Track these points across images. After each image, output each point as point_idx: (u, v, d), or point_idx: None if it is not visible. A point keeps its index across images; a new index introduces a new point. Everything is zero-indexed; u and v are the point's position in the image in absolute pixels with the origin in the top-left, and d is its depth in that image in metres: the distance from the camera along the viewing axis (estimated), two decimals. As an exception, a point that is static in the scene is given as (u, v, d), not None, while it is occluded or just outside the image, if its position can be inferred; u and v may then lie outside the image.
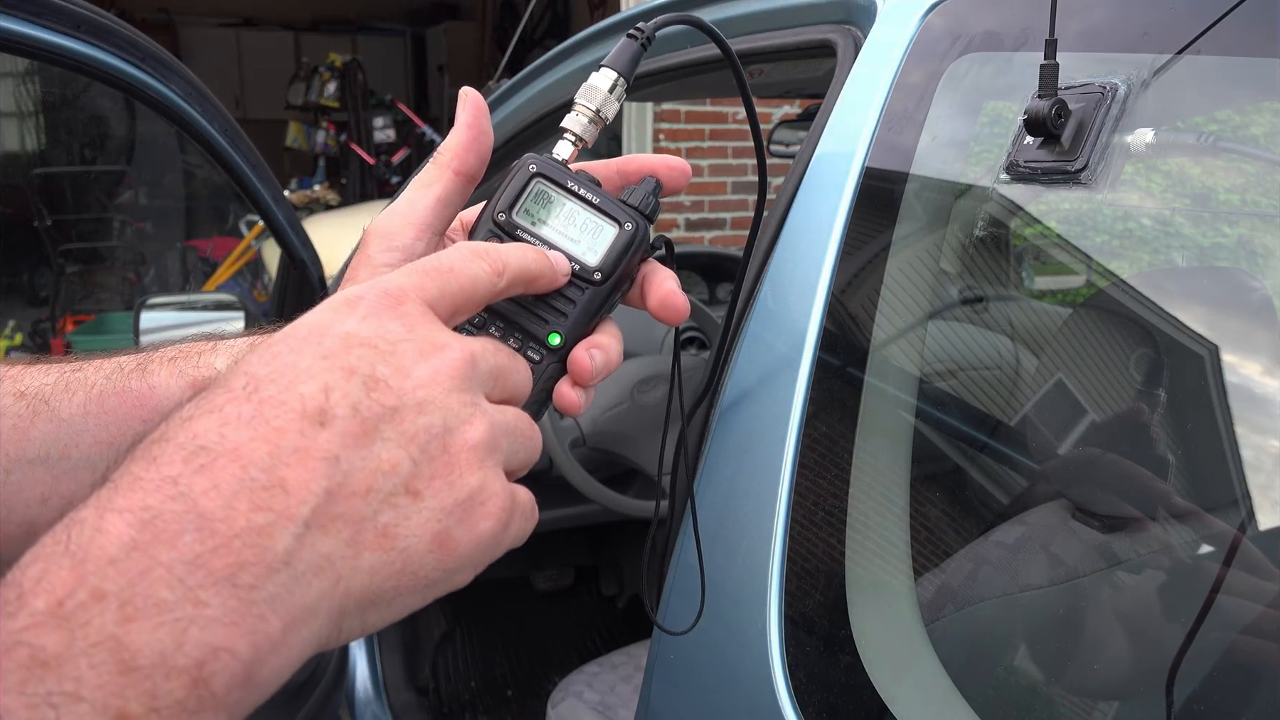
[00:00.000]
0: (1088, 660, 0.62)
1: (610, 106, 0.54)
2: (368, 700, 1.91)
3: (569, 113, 0.54)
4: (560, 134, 0.54)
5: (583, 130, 0.54)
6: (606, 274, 0.51)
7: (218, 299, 1.73)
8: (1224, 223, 0.59)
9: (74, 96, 6.15)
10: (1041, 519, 0.67)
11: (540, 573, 2.39)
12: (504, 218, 0.52)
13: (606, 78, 0.55)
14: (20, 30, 0.95)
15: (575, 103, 0.54)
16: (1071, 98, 0.61)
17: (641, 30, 0.56)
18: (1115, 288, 0.65)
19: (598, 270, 0.51)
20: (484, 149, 0.53)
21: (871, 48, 0.83)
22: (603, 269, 0.51)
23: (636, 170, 0.56)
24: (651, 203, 0.53)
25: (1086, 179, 0.60)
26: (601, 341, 0.52)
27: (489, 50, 8.44)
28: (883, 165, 0.76)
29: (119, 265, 6.12)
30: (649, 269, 0.54)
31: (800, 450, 0.71)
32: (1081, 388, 0.67)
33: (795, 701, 0.65)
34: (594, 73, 0.55)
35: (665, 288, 0.53)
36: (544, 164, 0.52)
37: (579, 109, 0.54)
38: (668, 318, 0.53)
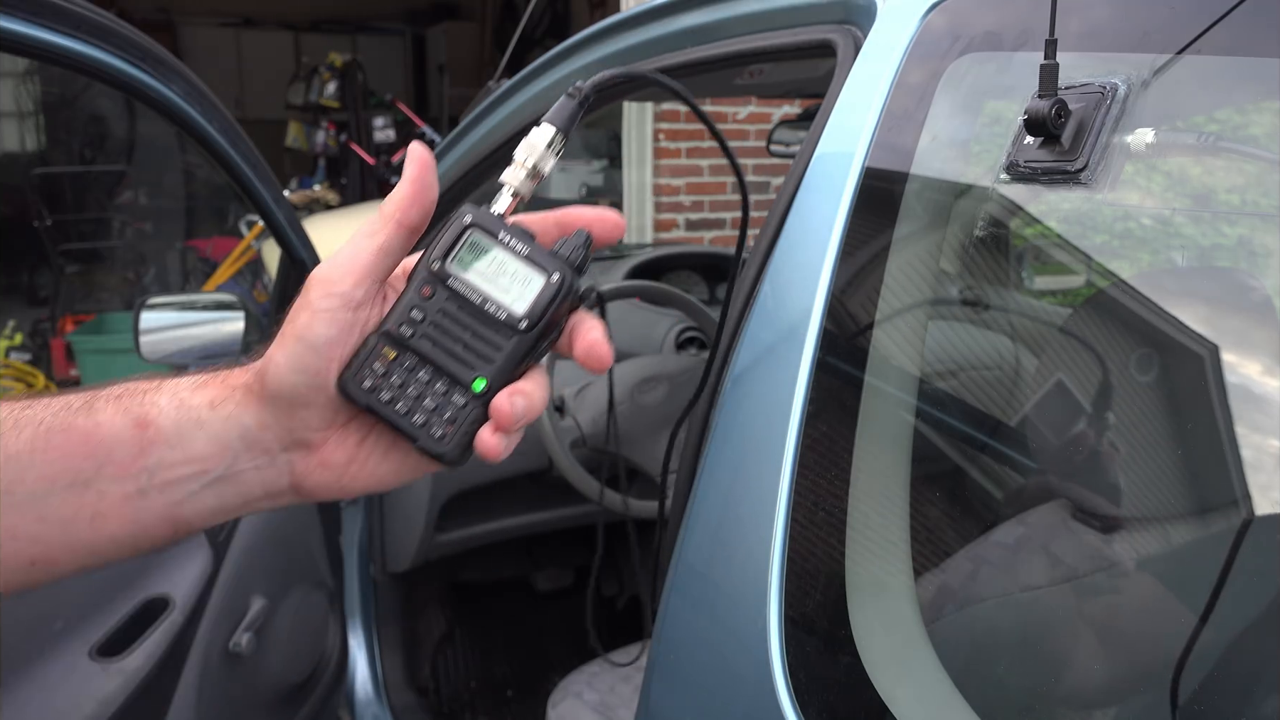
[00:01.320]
0: (1088, 660, 0.62)
1: (547, 162, 0.57)
2: (368, 700, 1.91)
3: (508, 166, 0.56)
4: (499, 187, 0.57)
5: (519, 185, 0.56)
6: (533, 322, 0.54)
7: (218, 299, 1.72)
8: (1224, 223, 0.59)
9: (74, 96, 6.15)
10: (1041, 519, 0.67)
11: (540, 573, 2.39)
12: (438, 265, 0.54)
13: (545, 134, 0.57)
14: (20, 30, 0.95)
15: (515, 158, 0.56)
16: (1071, 98, 0.61)
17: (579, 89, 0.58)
18: (1115, 288, 0.65)
19: (524, 318, 0.54)
20: (427, 203, 0.55)
21: (871, 48, 0.83)
22: (529, 317, 0.54)
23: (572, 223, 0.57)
24: (580, 254, 0.55)
25: (1086, 179, 0.60)
26: (525, 388, 0.54)
27: (489, 50, 8.44)
28: (883, 165, 0.76)
29: (119, 265, 6.12)
30: (578, 318, 0.57)
31: (800, 450, 0.71)
32: (1081, 388, 0.67)
33: (795, 701, 0.65)
34: (534, 128, 0.57)
35: (590, 337, 0.55)
36: (479, 215, 0.55)
37: (518, 164, 0.56)
38: (591, 366, 0.55)
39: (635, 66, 0.60)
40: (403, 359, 0.54)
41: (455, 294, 0.54)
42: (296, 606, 1.47)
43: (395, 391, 0.54)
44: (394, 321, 0.54)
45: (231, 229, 5.98)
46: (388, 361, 0.54)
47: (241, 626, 1.29)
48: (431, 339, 0.54)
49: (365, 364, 0.54)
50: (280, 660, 1.43)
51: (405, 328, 0.54)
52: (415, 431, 0.54)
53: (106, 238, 6.06)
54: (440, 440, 0.54)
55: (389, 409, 0.54)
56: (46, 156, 6.47)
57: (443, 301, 0.54)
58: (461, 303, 0.54)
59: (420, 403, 0.54)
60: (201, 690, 1.19)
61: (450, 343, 0.54)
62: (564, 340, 0.57)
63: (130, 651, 1.09)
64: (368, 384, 0.53)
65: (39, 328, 5.47)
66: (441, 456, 0.54)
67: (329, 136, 7.87)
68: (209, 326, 1.63)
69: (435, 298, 0.54)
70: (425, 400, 0.54)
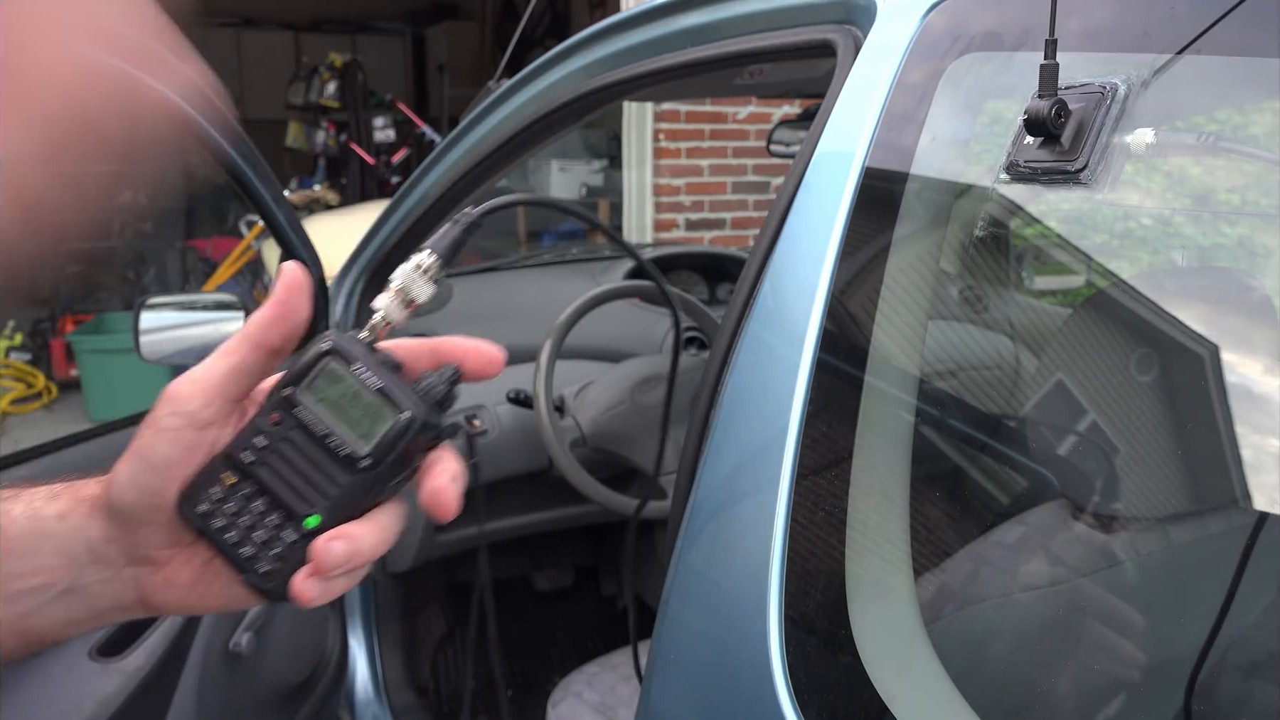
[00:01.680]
0: (1087, 660, 0.62)
1: (421, 289, 0.54)
2: (368, 700, 1.91)
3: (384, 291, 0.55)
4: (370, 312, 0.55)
5: (390, 311, 0.54)
6: (376, 460, 0.51)
7: (218, 299, 1.72)
8: (1224, 223, 0.59)
9: (74, 96, 6.14)
10: (1041, 519, 0.67)
11: (540, 573, 2.39)
12: (289, 391, 0.52)
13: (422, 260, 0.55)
14: (20, 30, 0.95)
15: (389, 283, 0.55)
16: (1071, 98, 0.61)
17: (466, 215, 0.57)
18: (1115, 288, 0.65)
19: (367, 457, 0.51)
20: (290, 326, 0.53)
21: (871, 48, 0.83)
22: (373, 455, 0.51)
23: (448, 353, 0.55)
24: (443, 390, 0.53)
25: (1086, 179, 0.60)
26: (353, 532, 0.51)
27: (489, 50, 8.44)
28: (883, 165, 0.76)
29: (119, 265, 6.12)
30: (434, 458, 0.53)
31: (800, 450, 0.71)
32: (1081, 387, 0.67)
33: (795, 701, 0.65)
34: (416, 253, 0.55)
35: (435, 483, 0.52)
36: (341, 342, 0.52)
37: (393, 290, 0.54)
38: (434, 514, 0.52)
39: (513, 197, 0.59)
40: (241, 485, 0.52)
41: (301, 423, 0.52)
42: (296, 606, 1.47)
43: (228, 519, 0.52)
44: (237, 445, 0.52)
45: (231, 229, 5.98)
46: (226, 487, 0.52)
47: (241, 626, 1.29)
48: (272, 468, 0.52)
49: (203, 487, 0.52)
50: (280, 660, 1.43)
51: (248, 454, 0.52)
52: (242, 564, 0.52)
53: (106, 238, 6.06)
54: (265, 577, 0.52)
55: (220, 537, 0.52)
56: (46, 156, 6.46)
57: (289, 430, 0.52)
58: (307, 433, 0.52)
59: (251, 534, 0.52)
60: (201, 690, 1.19)
61: (290, 474, 0.52)
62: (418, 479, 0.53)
63: (130, 651, 1.09)
64: (203, 509, 0.52)
65: (39, 328, 5.47)
66: (266, 594, 0.52)
67: (329, 136, 7.88)
68: (209, 326, 1.63)
69: (282, 425, 0.52)
70: (257, 532, 0.52)
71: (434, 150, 1.73)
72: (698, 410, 0.84)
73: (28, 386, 5.09)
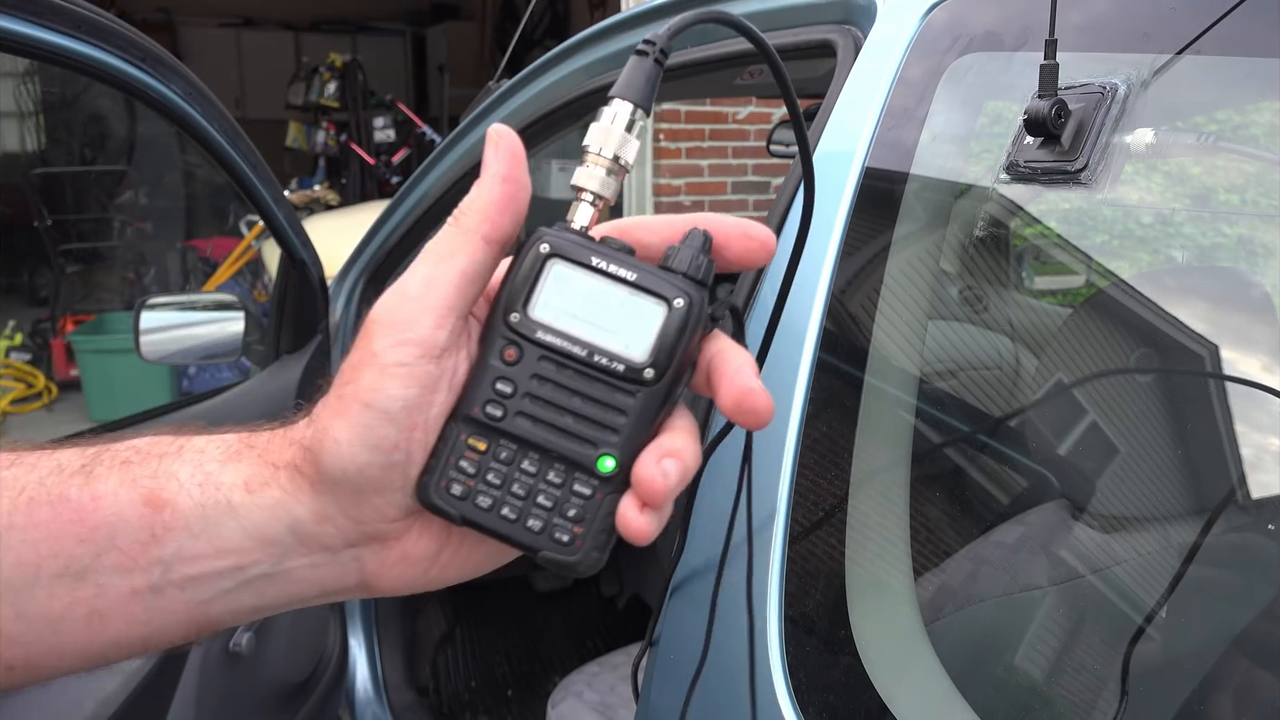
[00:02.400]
0: (1087, 660, 0.62)
1: (630, 148, 0.43)
2: (368, 700, 1.91)
3: (580, 166, 0.43)
4: (575, 195, 0.43)
5: (601, 185, 0.43)
6: (661, 369, 0.41)
7: (218, 299, 1.72)
8: (1224, 222, 0.59)
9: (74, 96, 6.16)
10: (1041, 519, 0.67)
11: (540, 573, 2.39)
12: (519, 318, 0.42)
13: (621, 112, 0.43)
14: (20, 30, 0.95)
15: (586, 151, 0.43)
16: (1071, 98, 0.61)
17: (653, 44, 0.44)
18: (1115, 288, 0.65)
19: (648, 366, 0.41)
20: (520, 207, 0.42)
21: (871, 48, 0.83)
22: (655, 364, 0.41)
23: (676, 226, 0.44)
24: (702, 263, 0.42)
25: (1086, 179, 0.60)
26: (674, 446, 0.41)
27: (489, 50, 8.44)
28: (883, 165, 0.76)
29: (119, 265, 6.13)
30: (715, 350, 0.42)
31: (800, 450, 0.71)
32: (1081, 388, 0.67)
33: (795, 701, 0.65)
34: (604, 108, 0.43)
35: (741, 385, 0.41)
36: (559, 241, 0.42)
37: (592, 159, 0.43)
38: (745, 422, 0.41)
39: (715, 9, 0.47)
40: (497, 449, 0.42)
41: (550, 351, 0.41)
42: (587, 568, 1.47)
43: (496, 494, 0.42)
44: (474, 400, 0.41)
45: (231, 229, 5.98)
46: (478, 456, 0.42)
47: (241, 626, 1.29)
48: (531, 416, 0.42)
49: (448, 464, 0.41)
50: (280, 660, 1.43)
51: (492, 408, 0.41)
52: (535, 541, 0.42)
53: (106, 238, 6.07)
54: (569, 547, 0.42)
55: (493, 518, 0.42)
56: (46, 156, 6.48)
57: (535, 364, 0.42)
58: (561, 361, 0.42)
59: (533, 503, 0.42)
60: (201, 690, 1.19)
61: (557, 417, 0.42)
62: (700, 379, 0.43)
63: (130, 651, 1.09)
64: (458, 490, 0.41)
65: (39, 328, 5.47)
66: (573, 566, 0.42)
67: (329, 136, 7.88)
68: (209, 326, 1.63)
69: (524, 360, 0.42)
70: (539, 498, 0.42)
71: (434, 150, 1.73)
72: (698, 410, 0.84)
73: (28, 386, 5.09)
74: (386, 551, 0.43)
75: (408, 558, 0.43)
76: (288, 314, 1.64)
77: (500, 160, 0.42)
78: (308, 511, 0.41)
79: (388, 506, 0.41)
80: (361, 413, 0.39)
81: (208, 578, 0.41)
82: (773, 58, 0.47)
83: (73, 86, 5.99)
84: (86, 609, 0.40)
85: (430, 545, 0.43)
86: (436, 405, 0.41)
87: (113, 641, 0.41)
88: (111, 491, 0.41)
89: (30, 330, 5.46)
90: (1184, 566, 0.59)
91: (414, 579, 0.43)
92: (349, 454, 0.40)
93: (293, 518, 0.41)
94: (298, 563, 0.42)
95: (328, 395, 0.41)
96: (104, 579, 0.40)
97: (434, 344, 0.40)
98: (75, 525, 0.40)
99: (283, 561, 0.42)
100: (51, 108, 6.47)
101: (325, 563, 0.42)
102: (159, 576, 0.41)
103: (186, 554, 0.41)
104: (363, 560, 0.42)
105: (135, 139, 6.18)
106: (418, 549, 0.43)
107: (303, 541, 0.41)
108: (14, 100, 6.42)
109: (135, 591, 0.41)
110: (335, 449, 0.40)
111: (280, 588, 0.42)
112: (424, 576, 0.44)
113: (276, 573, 0.42)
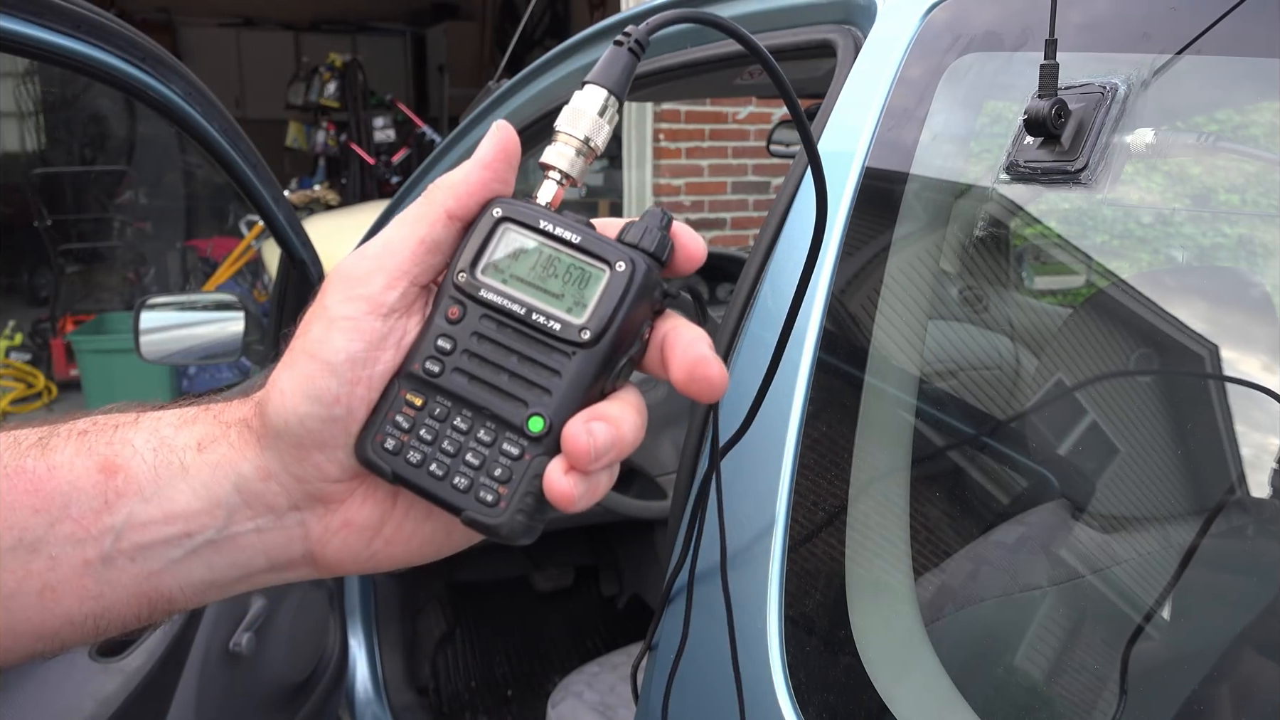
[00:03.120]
0: (1087, 660, 0.62)
1: (601, 133, 0.44)
2: (368, 700, 1.91)
3: (550, 144, 0.44)
4: (543, 172, 0.44)
5: (569, 165, 0.43)
6: (598, 332, 0.41)
7: (218, 299, 1.72)
8: (1224, 222, 0.59)
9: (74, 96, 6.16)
10: (1041, 519, 0.67)
11: (540, 573, 2.39)
12: (465, 278, 0.42)
13: (595, 97, 0.44)
14: (20, 30, 0.95)
15: (558, 132, 0.44)
16: (1071, 98, 0.61)
17: (629, 35, 0.45)
18: (1115, 287, 0.65)
19: (584, 328, 0.41)
20: (491, 194, 0.43)
21: (871, 48, 0.83)
22: (591, 325, 0.41)
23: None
24: (657, 237, 0.42)
25: (1086, 179, 0.60)
26: (609, 413, 0.40)
27: (489, 50, 8.44)
28: (883, 165, 0.76)
29: (119, 265, 6.13)
30: (669, 327, 0.43)
31: (800, 450, 0.71)
32: (1081, 388, 0.67)
33: (795, 701, 0.65)
34: (577, 93, 0.44)
35: (693, 353, 0.41)
36: (513, 207, 0.42)
37: (563, 139, 0.44)
38: (698, 393, 0.41)
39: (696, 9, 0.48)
40: (432, 405, 0.41)
41: (492, 309, 0.42)
42: (296, 606, 1.47)
43: (427, 450, 0.41)
44: (417, 358, 0.42)
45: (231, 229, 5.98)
46: (414, 412, 0.41)
47: (241, 626, 1.29)
48: (467, 373, 0.41)
49: (386, 419, 0.41)
50: (280, 660, 1.43)
51: (431, 363, 0.41)
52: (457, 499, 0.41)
53: (106, 238, 6.07)
54: (494, 509, 0.41)
55: (421, 474, 0.41)
56: (46, 156, 6.48)
57: (476, 322, 0.42)
58: (501, 320, 0.42)
59: (461, 460, 0.41)
60: (201, 690, 1.19)
61: (493, 374, 0.41)
62: (654, 357, 0.43)
63: (130, 651, 1.09)
64: (391, 445, 0.41)
65: (39, 328, 5.47)
66: (495, 530, 0.41)
67: (329, 136, 7.88)
68: (209, 326, 1.63)
69: (466, 319, 0.42)
70: (467, 455, 0.41)
71: (434, 150, 1.73)
72: (698, 410, 0.84)
73: (28, 386, 5.09)
74: (330, 516, 0.43)
75: (350, 524, 0.43)
76: (288, 314, 1.64)
77: (489, 150, 0.43)
78: (252, 468, 0.41)
79: (329, 464, 0.41)
80: (306, 363, 0.40)
81: (156, 545, 0.41)
82: (765, 57, 0.47)
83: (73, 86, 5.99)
84: (39, 583, 0.40)
85: (373, 513, 0.43)
86: (382, 363, 0.41)
87: (65, 618, 0.41)
88: (68, 461, 0.41)
89: (30, 330, 5.46)
90: (1184, 566, 0.59)
91: (358, 550, 0.43)
92: (290, 404, 0.40)
93: (238, 474, 0.41)
94: (243, 526, 0.42)
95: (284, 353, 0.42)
96: (56, 550, 0.40)
97: (382, 303, 0.41)
98: (30, 495, 0.40)
99: (229, 525, 0.41)
100: (51, 108, 6.47)
101: (270, 526, 0.42)
102: (110, 546, 0.41)
103: (138, 519, 0.41)
104: (307, 526, 0.42)
105: (135, 139, 6.18)
106: (360, 515, 0.43)
107: (248, 502, 0.41)
108: (14, 100, 6.42)
109: (87, 563, 0.40)
110: (279, 399, 0.40)
111: (227, 556, 0.42)
112: (368, 549, 0.43)
113: (222, 539, 0.42)
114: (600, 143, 0.44)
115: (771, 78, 0.48)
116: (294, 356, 0.41)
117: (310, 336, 0.41)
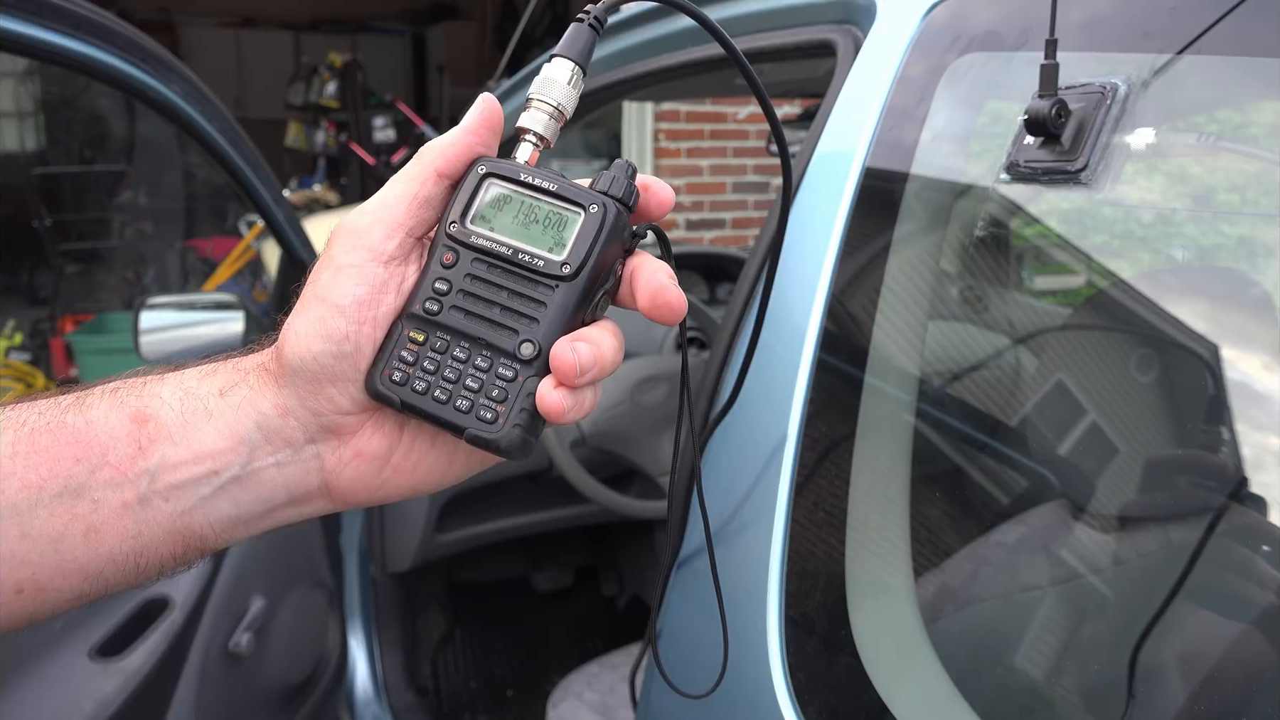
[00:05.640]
0: (1087, 660, 0.62)
1: (570, 100, 0.50)
2: (368, 700, 1.91)
3: (525, 111, 0.49)
4: (519, 135, 0.50)
5: (544, 128, 0.49)
6: (576, 266, 0.46)
7: (218, 299, 1.73)
8: (1224, 222, 0.59)
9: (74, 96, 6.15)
10: (1041, 519, 0.67)
11: (540, 573, 2.39)
12: (456, 227, 0.48)
13: (563, 68, 0.50)
14: (20, 30, 0.95)
15: (531, 99, 0.49)
16: (1072, 98, 0.61)
17: (589, 12, 0.50)
18: (1115, 288, 0.65)
19: (565, 263, 0.47)
20: (474, 156, 0.49)
21: (872, 47, 0.83)
22: (570, 261, 0.47)
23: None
24: (624, 184, 0.48)
25: (1086, 179, 0.60)
26: (590, 335, 0.46)
27: (489, 50, 8.44)
28: (883, 165, 0.76)
29: (119, 265, 6.12)
30: (636, 263, 0.49)
31: (800, 450, 0.71)
32: (1081, 388, 0.67)
33: (795, 701, 0.65)
34: (547, 64, 0.50)
35: (655, 282, 0.47)
36: (495, 163, 0.48)
37: (537, 105, 0.49)
38: (661, 317, 0.47)
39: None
40: (433, 340, 0.47)
41: (482, 253, 0.47)
42: (296, 606, 1.47)
43: (430, 379, 0.47)
44: (417, 300, 0.47)
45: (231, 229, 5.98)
46: (417, 347, 0.47)
47: (241, 626, 1.29)
48: (463, 310, 0.47)
49: (392, 355, 0.47)
50: (280, 660, 1.43)
51: (430, 303, 0.47)
52: (460, 419, 0.46)
53: (106, 238, 6.06)
54: (493, 425, 0.46)
55: (427, 400, 0.47)
56: (46, 156, 6.47)
57: (468, 265, 0.47)
58: (490, 262, 0.47)
59: (462, 385, 0.47)
60: (201, 690, 1.19)
61: (486, 309, 0.47)
62: (625, 291, 0.49)
63: (130, 651, 1.09)
64: (398, 377, 0.47)
65: (39, 328, 5.47)
66: (495, 444, 0.46)
67: (329, 136, 7.88)
68: (209, 326, 1.63)
69: (459, 263, 0.48)
70: (467, 381, 0.47)
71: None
72: (698, 410, 0.84)
73: (27, 387, 5.09)
74: (343, 447, 0.48)
75: (362, 454, 0.48)
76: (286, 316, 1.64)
77: (475, 118, 0.49)
78: (271, 406, 0.46)
79: (341, 397, 0.47)
80: (317, 306, 0.46)
81: (187, 484, 0.46)
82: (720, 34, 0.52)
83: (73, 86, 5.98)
84: (84, 525, 0.44)
85: (382, 443, 0.48)
86: (385, 305, 0.47)
87: (108, 557, 0.45)
88: (103, 415, 0.46)
89: (30, 330, 5.45)
90: (1184, 566, 0.59)
91: (369, 479, 0.48)
92: (305, 343, 0.46)
93: (259, 412, 0.46)
94: (264, 461, 0.47)
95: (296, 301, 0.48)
96: (98, 494, 0.45)
97: (383, 251, 0.47)
98: (72, 447, 0.45)
99: (251, 461, 0.46)
100: (51, 108, 6.46)
101: (289, 460, 0.47)
102: (145, 487, 0.45)
103: (169, 461, 0.45)
104: (322, 457, 0.47)
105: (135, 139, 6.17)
106: (370, 446, 0.48)
107: (268, 438, 0.46)
108: (14, 100, 6.41)
109: (125, 504, 0.45)
110: (295, 340, 0.46)
111: (251, 490, 0.47)
112: (378, 477, 0.48)
113: (246, 474, 0.46)
114: (570, 109, 0.50)
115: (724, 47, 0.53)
116: (305, 302, 0.47)
117: (320, 283, 0.46)
